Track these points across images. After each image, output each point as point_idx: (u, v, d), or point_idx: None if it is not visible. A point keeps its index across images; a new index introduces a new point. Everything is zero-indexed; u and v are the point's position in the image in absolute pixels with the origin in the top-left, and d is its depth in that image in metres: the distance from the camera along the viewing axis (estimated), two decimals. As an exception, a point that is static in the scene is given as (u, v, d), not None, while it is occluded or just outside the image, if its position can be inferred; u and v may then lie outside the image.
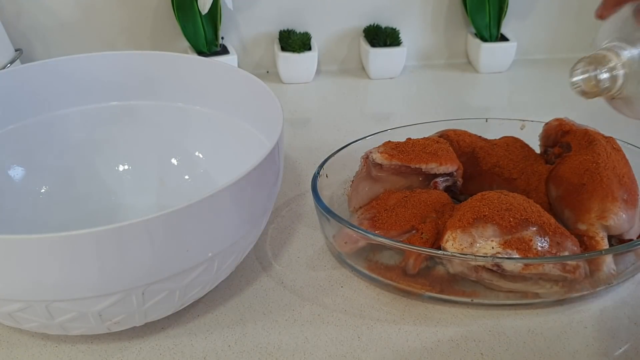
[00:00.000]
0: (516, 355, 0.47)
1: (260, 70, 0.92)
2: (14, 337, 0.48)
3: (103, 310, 0.42)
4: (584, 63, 0.47)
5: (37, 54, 0.84)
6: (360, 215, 0.55)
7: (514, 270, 0.48)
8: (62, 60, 0.59)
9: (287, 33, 0.88)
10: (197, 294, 0.47)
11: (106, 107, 0.61)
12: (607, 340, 0.48)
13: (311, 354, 0.47)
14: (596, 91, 0.46)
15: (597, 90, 0.46)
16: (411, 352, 0.47)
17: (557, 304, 0.51)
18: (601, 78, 0.46)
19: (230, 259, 0.47)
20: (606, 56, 0.46)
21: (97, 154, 0.61)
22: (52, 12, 0.83)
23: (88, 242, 0.38)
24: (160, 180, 0.62)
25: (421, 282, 0.51)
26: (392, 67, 0.90)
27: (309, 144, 0.74)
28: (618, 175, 0.54)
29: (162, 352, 0.47)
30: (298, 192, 0.65)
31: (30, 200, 0.58)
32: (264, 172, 0.46)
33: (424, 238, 0.51)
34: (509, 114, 0.69)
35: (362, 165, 0.58)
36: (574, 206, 0.53)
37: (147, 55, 0.61)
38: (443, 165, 0.56)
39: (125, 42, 0.87)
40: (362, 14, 0.90)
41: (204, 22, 0.83)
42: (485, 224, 0.49)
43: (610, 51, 0.46)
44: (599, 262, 0.50)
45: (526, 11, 0.94)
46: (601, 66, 0.46)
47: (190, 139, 0.62)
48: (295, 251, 0.57)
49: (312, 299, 0.52)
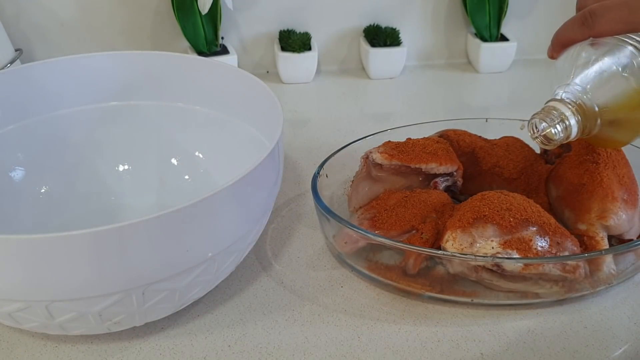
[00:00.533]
0: (516, 355, 0.47)
1: (260, 70, 0.92)
2: (14, 337, 0.48)
3: (103, 310, 0.42)
4: (537, 118, 0.47)
5: (37, 54, 0.84)
6: (360, 215, 0.55)
7: (514, 270, 0.48)
8: (62, 60, 0.59)
9: (287, 33, 0.88)
10: (197, 294, 0.47)
11: (106, 107, 0.61)
12: (607, 340, 0.48)
13: (311, 354, 0.47)
14: (554, 143, 0.47)
15: (555, 142, 0.47)
16: (411, 352, 0.47)
17: (557, 304, 0.51)
18: (554, 132, 0.46)
19: (230, 259, 0.47)
20: (555, 108, 0.46)
21: (97, 154, 0.61)
22: (52, 12, 0.83)
23: (88, 242, 0.38)
24: (160, 180, 0.62)
25: (421, 282, 0.51)
26: (392, 67, 0.90)
27: (309, 144, 0.74)
28: (618, 175, 0.54)
29: (162, 352, 0.47)
30: (298, 192, 0.65)
31: (30, 200, 0.58)
32: (264, 172, 0.46)
33: (424, 238, 0.51)
34: (509, 114, 0.69)
35: (362, 165, 0.58)
36: (574, 206, 0.53)
37: (147, 55, 0.61)
38: (443, 165, 0.56)
39: (125, 42, 0.87)
40: (362, 14, 0.90)
41: (204, 22, 0.83)
42: (485, 224, 0.49)
43: (558, 101, 0.46)
44: (599, 262, 0.50)
45: (526, 11, 0.94)
46: (550, 119, 0.46)
47: (190, 139, 0.62)
48: (295, 251, 0.57)
49: (312, 299, 0.52)
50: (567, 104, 0.46)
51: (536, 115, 0.47)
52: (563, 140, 0.47)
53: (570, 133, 0.46)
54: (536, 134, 0.47)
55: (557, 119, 0.46)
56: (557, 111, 0.46)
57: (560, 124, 0.46)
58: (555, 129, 0.46)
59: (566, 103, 0.46)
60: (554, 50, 0.48)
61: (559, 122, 0.46)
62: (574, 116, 0.46)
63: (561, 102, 0.46)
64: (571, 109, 0.46)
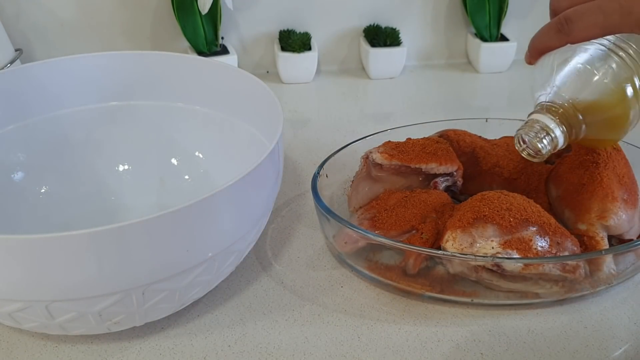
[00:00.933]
0: (516, 355, 0.47)
1: (260, 70, 0.92)
2: (14, 337, 0.48)
3: (103, 310, 0.42)
4: (522, 132, 0.47)
5: (37, 54, 0.84)
6: (360, 215, 0.55)
7: (514, 270, 0.48)
8: (62, 60, 0.59)
9: (287, 33, 0.88)
10: (197, 294, 0.47)
11: (106, 107, 0.61)
12: (607, 340, 0.48)
13: (311, 354, 0.47)
14: (542, 156, 0.47)
15: (542, 155, 0.47)
16: (411, 352, 0.47)
17: (557, 304, 0.51)
18: (541, 147, 0.46)
19: (230, 259, 0.47)
20: (539, 121, 0.46)
21: (97, 154, 0.61)
22: (52, 12, 0.83)
23: (88, 242, 0.38)
24: (160, 180, 0.62)
25: (421, 282, 0.51)
26: (392, 67, 0.90)
27: (309, 144, 0.74)
28: (618, 175, 0.54)
29: (162, 352, 0.47)
30: (298, 192, 0.65)
31: (30, 200, 0.58)
32: (264, 172, 0.46)
33: (424, 238, 0.51)
34: (509, 114, 0.69)
35: (362, 165, 0.58)
36: (574, 206, 0.53)
37: (147, 55, 0.61)
38: (443, 165, 0.56)
39: (125, 42, 0.87)
40: (362, 14, 0.90)
41: (204, 22, 0.83)
42: (485, 224, 0.49)
43: (541, 113, 0.46)
44: (599, 262, 0.50)
45: (526, 11, 0.94)
46: (534, 134, 0.46)
47: (190, 139, 0.62)
48: (295, 251, 0.57)
49: (312, 299, 0.52)
50: (550, 115, 0.46)
51: (521, 130, 0.47)
52: (551, 152, 0.47)
53: (557, 144, 0.47)
54: (523, 147, 0.48)
55: (543, 132, 0.46)
56: (541, 124, 0.46)
57: (546, 137, 0.46)
58: (542, 144, 0.46)
59: (549, 114, 0.46)
60: (531, 56, 0.48)
61: (545, 136, 0.46)
62: (558, 127, 0.46)
63: (544, 114, 0.46)
64: (554, 120, 0.46)
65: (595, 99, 0.46)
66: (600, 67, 0.46)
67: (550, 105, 0.46)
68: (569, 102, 0.46)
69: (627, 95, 0.46)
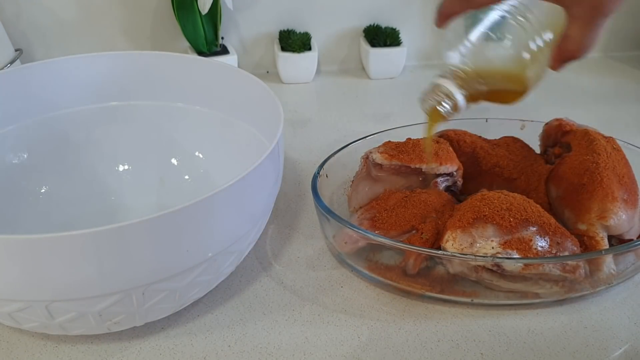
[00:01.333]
0: (516, 355, 0.47)
1: (260, 70, 0.92)
2: (14, 337, 0.48)
3: (103, 310, 0.42)
4: (425, 95, 0.50)
5: (37, 54, 0.85)
6: (360, 215, 0.55)
7: (514, 270, 0.48)
8: (62, 60, 0.59)
9: (287, 33, 0.88)
10: (197, 294, 0.47)
11: (106, 107, 0.61)
12: (607, 340, 0.48)
13: (311, 354, 0.47)
14: (446, 117, 0.50)
15: (446, 116, 0.50)
16: (411, 352, 0.47)
17: (557, 304, 0.51)
18: (442, 110, 0.49)
19: (230, 259, 0.47)
20: (440, 86, 0.49)
21: (97, 154, 0.61)
22: (52, 12, 0.83)
23: (88, 242, 0.38)
24: (160, 180, 0.62)
25: (421, 282, 0.51)
26: (392, 67, 0.90)
27: (309, 144, 0.74)
28: (618, 175, 0.54)
29: (162, 352, 0.47)
30: (298, 192, 0.65)
31: (31, 200, 0.58)
32: (264, 172, 0.46)
33: (424, 238, 0.51)
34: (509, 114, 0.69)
35: (362, 165, 0.58)
36: (574, 206, 0.53)
37: (147, 55, 0.61)
38: (443, 165, 0.56)
39: (125, 42, 0.87)
40: (362, 14, 0.90)
41: (204, 22, 0.83)
42: (485, 224, 0.49)
43: (443, 78, 0.49)
44: (599, 262, 0.50)
45: (526, 11, 0.93)
46: (437, 97, 0.49)
47: (190, 139, 0.62)
48: (295, 251, 0.57)
49: (312, 299, 0.52)
50: (451, 79, 0.48)
51: (425, 94, 0.50)
52: (452, 112, 0.49)
53: (458, 106, 0.49)
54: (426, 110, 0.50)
55: (444, 96, 0.48)
56: (444, 89, 0.48)
57: (447, 100, 0.48)
58: (443, 107, 0.49)
59: (450, 77, 0.48)
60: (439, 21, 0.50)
61: (446, 100, 0.48)
62: (458, 90, 0.48)
63: (446, 78, 0.48)
64: (455, 82, 0.48)
65: (495, 64, 0.48)
66: (500, 33, 0.48)
67: (454, 70, 0.49)
68: (470, 67, 0.48)
69: (524, 58, 0.48)
